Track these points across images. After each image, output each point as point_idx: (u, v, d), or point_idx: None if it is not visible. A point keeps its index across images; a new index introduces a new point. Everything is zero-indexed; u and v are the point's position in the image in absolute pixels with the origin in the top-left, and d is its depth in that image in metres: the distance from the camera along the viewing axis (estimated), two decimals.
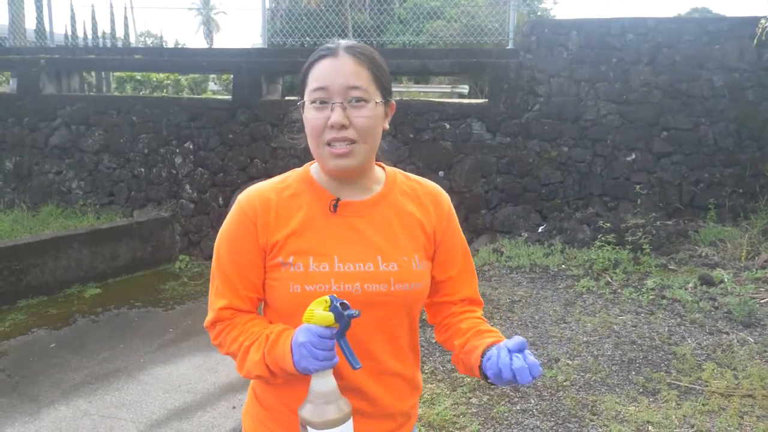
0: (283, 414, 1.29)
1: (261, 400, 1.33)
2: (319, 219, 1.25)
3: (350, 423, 1.12)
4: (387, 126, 1.31)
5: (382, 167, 1.37)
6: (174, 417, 3.99)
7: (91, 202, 7.96)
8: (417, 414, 1.43)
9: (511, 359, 1.10)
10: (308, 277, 1.20)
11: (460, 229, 1.41)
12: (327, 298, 1.12)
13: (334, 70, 1.20)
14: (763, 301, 4.50)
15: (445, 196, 1.40)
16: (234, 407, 4.11)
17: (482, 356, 1.18)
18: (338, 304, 1.11)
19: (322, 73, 1.20)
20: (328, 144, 1.20)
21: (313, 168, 1.33)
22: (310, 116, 1.21)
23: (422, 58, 7.40)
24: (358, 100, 1.20)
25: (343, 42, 1.24)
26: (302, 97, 1.25)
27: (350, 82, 1.20)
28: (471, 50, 7.59)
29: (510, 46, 7.38)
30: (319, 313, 1.11)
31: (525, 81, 6.85)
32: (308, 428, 1.10)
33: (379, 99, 1.24)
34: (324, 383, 1.11)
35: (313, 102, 1.20)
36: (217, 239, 1.31)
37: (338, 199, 1.26)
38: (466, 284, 1.40)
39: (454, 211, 1.40)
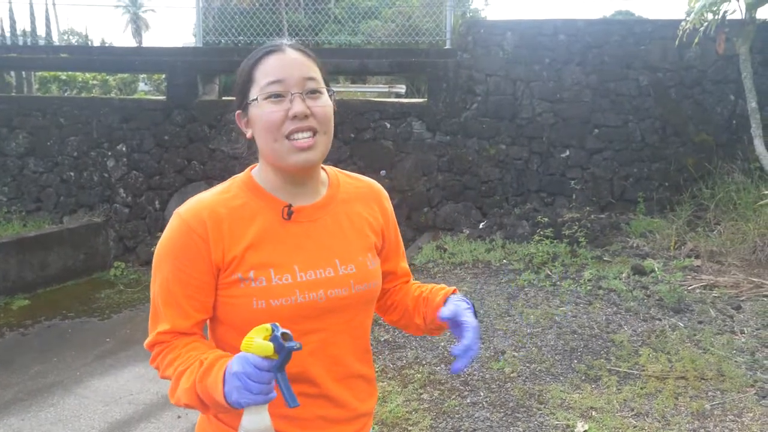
0: None
1: (221, 417, 1.24)
2: (274, 228, 1.21)
3: None
4: None
5: (323, 168, 1.35)
6: (115, 430, 3.85)
7: (16, 209, 7.54)
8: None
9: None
10: (272, 291, 1.16)
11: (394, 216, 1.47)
12: (268, 326, 1.03)
13: (287, 63, 1.19)
14: (690, 287, 4.76)
15: (384, 191, 1.43)
16: (179, 417, 4.00)
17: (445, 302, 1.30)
18: (279, 335, 1.02)
19: (275, 67, 1.19)
20: (288, 138, 1.18)
21: (255, 173, 1.27)
22: (266, 110, 1.17)
23: (362, 57, 7.41)
24: (314, 91, 1.21)
25: (284, 40, 1.24)
26: (244, 98, 1.22)
27: (306, 73, 1.20)
28: (410, 50, 7.67)
29: (448, 46, 7.49)
30: (258, 342, 1.01)
31: (463, 80, 6.98)
32: None
33: (328, 91, 1.25)
34: (257, 420, 1.01)
35: (269, 96, 1.17)
36: (156, 257, 1.20)
37: (291, 206, 1.23)
38: (403, 261, 1.47)
39: (390, 202, 1.44)
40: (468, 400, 3.20)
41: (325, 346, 1.21)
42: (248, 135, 1.25)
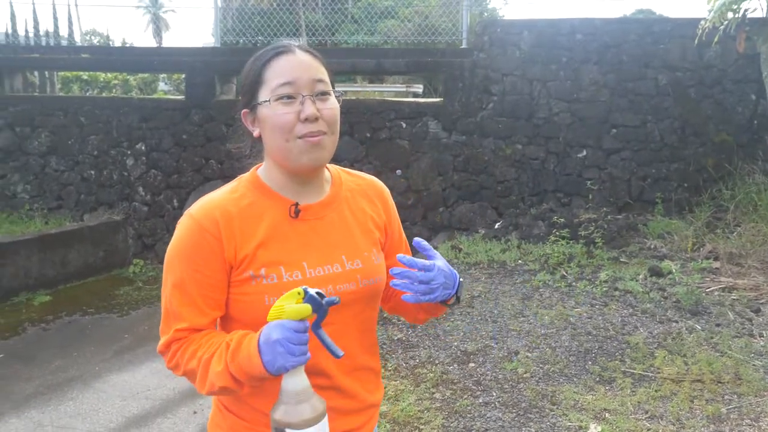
0: (264, 425, 1.23)
1: (234, 410, 1.28)
2: (283, 226, 1.24)
3: (326, 420, 1.10)
4: None
5: (326, 166, 1.36)
6: (132, 424, 3.91)
7: (38, 207, 7.68)
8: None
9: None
10: (283, 287, 1.18)
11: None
12: (300, 289, 1.08)
13: (298, 65, 1.21)
14: (708, 289, 4.70)
15: (386, 188, 1.45)
16: (195, 412, 4.05)
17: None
18: (315, 294, 1.07)
19: (286, 69, 1.21)
20: (301, 138, 1.20)
21: (261, 173, 1.30)
22: (278, 112, 1.19)
23: (378, 57, 7.43)
24: (323, 93, 1.23)
25: (293, 41, 1.26)
26: (252, 98, 1.24)
27: (316, 75, 1.22)
28: (426, 50, 7.67)
29: (464, 46, 7.48)
30: (291, 307, 1.07)
31: (479, 80, 6.96)
32: (286, 430, 1.06)
33: (335, 92, 1.27)
34: (297, 382, 1.08)
35: (280, 98, 1.19)
36: (169, 258, 1.23)
37: (297, 204, 1.25)
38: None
39: (391, 198, 1.46)
40: (480, 400, 3.20)
41: (334, 340, 1.23)
42: (255, 134, 1.27)
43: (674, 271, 5.00)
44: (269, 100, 1.20)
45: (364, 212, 1.36)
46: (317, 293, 1.08)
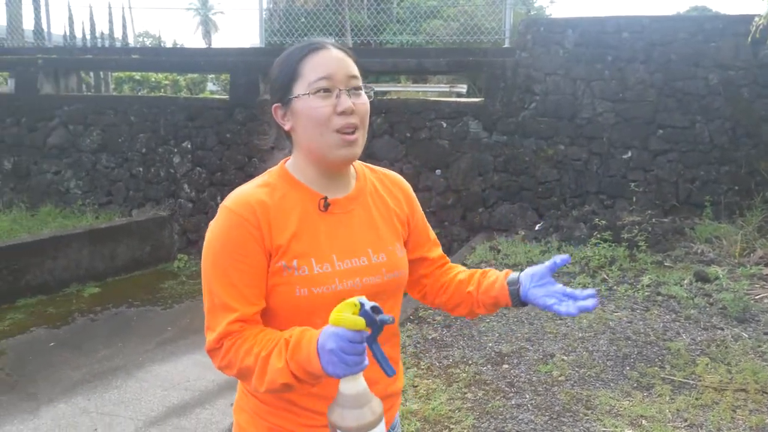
0: (283, 409, 1.28)
1: (256, 395, 1.30)
2: (313, 219, 1.26)
3: (383, 424, 1.08)
4: None
5: None
6: (173, 414, 4.02)
7: (89, 202, 7.99)
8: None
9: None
10: (314, 279, 1.21)
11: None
12: (356, 302, 1.07)
13: (335, 61, 1.24)
14: (757, 296, 4.53)
15: (407, 183, 1.48)
16: (232, 404, 4.13)
17: (509, 285, 1.34)
18: (369, 309, 1.06)
19: (323, 64, 1.24)
20: (336, 132, 1.23)
21: (290, 166, 1.32)
22: (315, 105, 1.22)
23: (419, 57, 7.43)
24: (357, 88, 1.26)
25: (326, 39, 1.29)
26: (286, 92, 1.26)
27: (351, 71, 1.26)
28: (468, 49, 7.63)
29: (506, 45, 7.41)
30: (348, 316, 1.05)
31: (521, 79, 6.87)
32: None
33: (365, 88, 1.29)
34: (354, 386, 1.07)
35: (318, 91, 1.22)
36: (210, 252, 1.22)
37: (326, 198, 1.28)
38: (437, 246, 1.51)
39: (413, 193, 1.49)
40: (513, 402, 3.17)
41: None
42: (287, 128, 1.30)
43: (721, 276, 4.83)
44: (308, 94, 1.23)
45: (387, 207, 1.39)
46: (372, 308, 1.07)
